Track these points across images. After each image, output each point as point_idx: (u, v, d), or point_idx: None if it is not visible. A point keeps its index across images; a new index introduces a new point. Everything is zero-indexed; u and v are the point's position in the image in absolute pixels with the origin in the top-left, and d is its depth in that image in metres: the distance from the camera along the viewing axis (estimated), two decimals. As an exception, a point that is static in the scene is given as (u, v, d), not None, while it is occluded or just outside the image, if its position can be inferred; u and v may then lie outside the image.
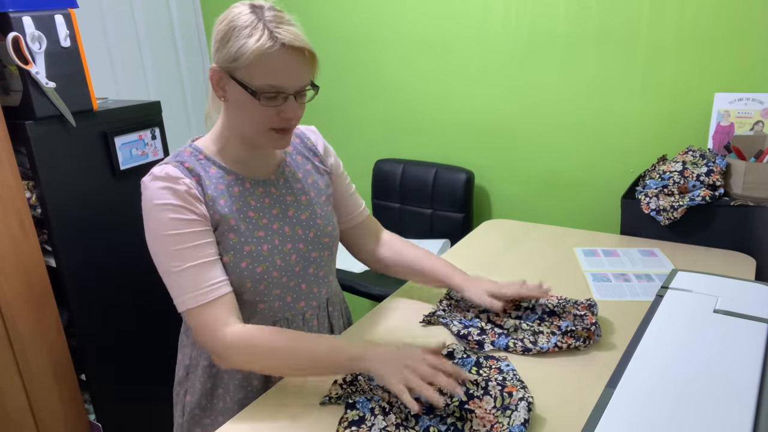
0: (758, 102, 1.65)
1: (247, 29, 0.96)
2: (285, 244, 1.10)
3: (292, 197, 1.15)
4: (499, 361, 1.06)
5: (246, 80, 0.98)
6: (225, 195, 1.06)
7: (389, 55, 2.29)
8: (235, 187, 1.08)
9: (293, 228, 1.12)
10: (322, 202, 1.19)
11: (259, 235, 1.08)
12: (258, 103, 0.99)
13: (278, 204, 1.12)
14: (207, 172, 1.06)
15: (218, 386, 1.14)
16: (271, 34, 0.96)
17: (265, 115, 1.01)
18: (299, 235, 1.13)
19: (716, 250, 1.51)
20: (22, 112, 1.53)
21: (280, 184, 1.14)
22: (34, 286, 1.56)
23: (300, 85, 1.01)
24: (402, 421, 0.93)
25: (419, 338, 1.20)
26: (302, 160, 1.21)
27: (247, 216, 1.08)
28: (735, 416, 0.51)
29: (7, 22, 1.44)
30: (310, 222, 1.15)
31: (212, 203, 1.04)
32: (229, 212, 1.06)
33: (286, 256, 1.10)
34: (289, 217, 1.13)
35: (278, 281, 1.10)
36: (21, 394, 1.56)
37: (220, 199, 1.05)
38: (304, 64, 1.00)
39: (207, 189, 1.05)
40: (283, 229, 1.11)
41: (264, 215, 1.10)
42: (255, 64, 0.97)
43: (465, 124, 2.20)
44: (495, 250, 1.62)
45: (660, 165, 1.74)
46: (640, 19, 1.78)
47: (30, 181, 1.56)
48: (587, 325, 1.12)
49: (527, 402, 0.92)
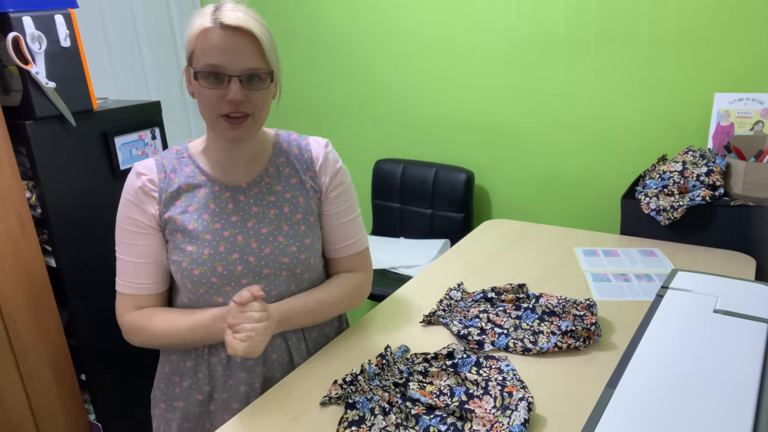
0: (758, 102, 1.65)
1: (196, 18, 1.01)
2: (231, 253, 1.07)
3: (259, 209, 1.11)
4: (499, 361, 1.06)
5: (193, 66, 1.01)
6: (186, 195, 1.09)
7: (390, 54, 2.29)
8: (202, 188, 1.10)
9: (247, 239, 1.08)
10: (296, 220, 1.12)
11: (205, 238, 1.07)
12: (202, 86, 1.00)
13: (241, 212, 1.10)
14: (181, 170, 1.10)
15: (174, 374, 1.16)
16: (213, 16, 0.99)
17: (210, 99, 1.00)
18: (252, 248, 1.08)
19: (716, 250, 1.51)
20: (22, 112, 1.53)
21: (251, 193, 1.11)
22: (34, 286, 1.56)
23: (243, 68, 0.99)
24: (402, 421, 0.93)
25: (419, 338, 1.20)
26: (290, 172, 1.15)
27: (201, 218, 1.08)
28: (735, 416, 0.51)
29: (7, 22, 1.44)
30: (269, 237, 1.09)
31: (168, 202, 1.08)
32: (181, 212, 1.08)
33: (229, 265, 1.07)
34: (247, 228, 1.09)
35: (219, 289, 1.07)
36: (21, 394, 1.56)
37: (177, 199, 1.08)
38: (247, 46, 0.99)
39: (170, 187, 1.08)
40: (235, 238, 1.08)
41: (219, 220, 1.08)
42: (198, 48, 0.99)
43: (465, 123, 2.20)
44: (495, 250, 1.62)
45: (660, 165, 1.74)
46: (640, 19, 1.78)
47: (30, 181, 1.56)
48: (587, 325, 1.12)
49: (527, 402, 0.92)
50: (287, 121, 2.65)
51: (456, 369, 1.04)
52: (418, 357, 1.09)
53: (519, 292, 1.30)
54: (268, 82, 1.04)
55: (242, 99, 1.00)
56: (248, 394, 1.12)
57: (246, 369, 1.11)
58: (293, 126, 2.61)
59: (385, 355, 1.08)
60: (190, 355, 1.13)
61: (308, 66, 2.50)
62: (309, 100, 2.56)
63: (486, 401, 0.95)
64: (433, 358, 1.08)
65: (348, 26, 2.34)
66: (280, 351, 1.13)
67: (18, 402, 1.56)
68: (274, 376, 1.13)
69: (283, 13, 2.44)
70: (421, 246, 2.25)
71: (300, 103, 2.60)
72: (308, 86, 2.54)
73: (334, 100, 2.50)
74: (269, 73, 1.03)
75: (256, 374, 1.11)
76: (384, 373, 1.05)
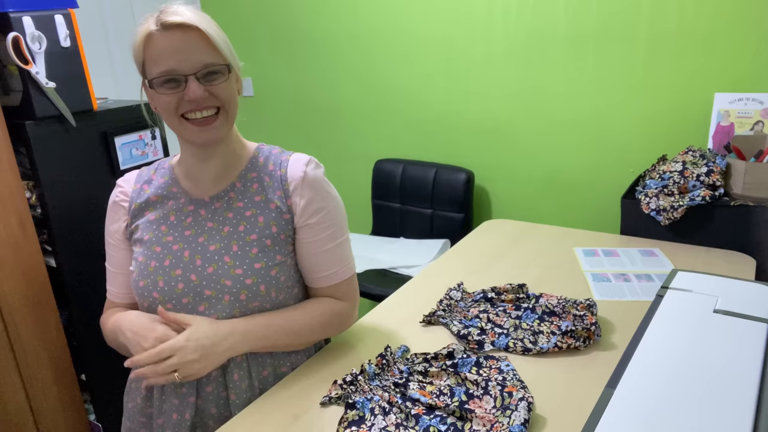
0: (758, 102, 1.65)
1: (138, 27, 0.98)
2: (175, 268, 1.02)
3: (215, 224, 1.04)
4: (499, 361, 1.06)
5: (147, 76, 0.98)
6: (156, 206, 1.08)
7: (390, 54, 2.29)
8: (171, 200, 1.08)
9: (193, 255, 1.02)
10: (248, 241, 1.02)
11: (155, 250, 1.04)
12: (159, 94, 0.97)
13: (196, 227, 1.05)
14: (156, 181, 1.10)
15: (128, 391, 1.13)
16: (154, 20, 0.96)
17: (169, 103, 0.97)
18: (195, 265, 1.02)
19: (716, 250, 1.51)
20: (22, 112, 1.53)
21: (212, 207, 1.05)
22: (35, 286, 1.56)
23: (197, 64, 0.95)
24: (402, 421, 0.93)
25: (419, 338, 1.20)
26: (257, 188, 1.06)
27: (159, 229, 1.06)
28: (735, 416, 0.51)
29: (7, 22, 1.44)
30: (215, 256, 1.02)
31: (137, 212, 1.09)
32: (145, 223, 1.08)
33: (171, 281, 1.01)
34: (197, 244, 1.03)
35: (161, 305, 1.01)
36: (21, 394, 1.56)
37: (146, 210, 1.09)
38: (197, 42, 0.95)
39: (140, 198, 1.09)
40: (183, 253, 1.03)
41: (173, 233, 1.05)
42: (147, 57, 0.96)
43: (465, 123, 2.20)
44: (495, 250, 1.62)
45: (660, 165, 1.74)
46: (640, 18, 1.78)
47: (30, 181, 1.56)
48: (587, 325, 1.12)
49: (527, 402, 0.92)
50: (287, 123, 2.65)
51: (456, 369, 1.03)
52: (418, 357, 1.09)
53: (519, 292, 1.30)
54: (226, 74, 0.99)
55: (203, 95, 0.96)
56: (179, 423, 1.02)
57: (178, 396, 1.02)
58: (293, 127, 2.62)
59: (385, 355, 1.08)
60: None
61: (308, 66, 2.50)
62: (309, 100, 2.56)
63: (486, 401, 0.95)
64: (433, 358, 1.08)
65: (348, 26, 2.34)
66: (216, 384, 1.02)
67: (18, 402, 1.56)
68: (208, 410, 1.03)
69: (282, 12, 2.44)
70: (421, 246, 2.24)
71: (300, 104, 2.60)
72: (308, 86, 2.54)
73: (334, 100, 2.50)
74: (225, 65, 0.99)
75: (188, 404, 1.02)
76: (384, 373, 1.05)
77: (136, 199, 1.09)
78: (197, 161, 1.06)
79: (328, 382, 1.05)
